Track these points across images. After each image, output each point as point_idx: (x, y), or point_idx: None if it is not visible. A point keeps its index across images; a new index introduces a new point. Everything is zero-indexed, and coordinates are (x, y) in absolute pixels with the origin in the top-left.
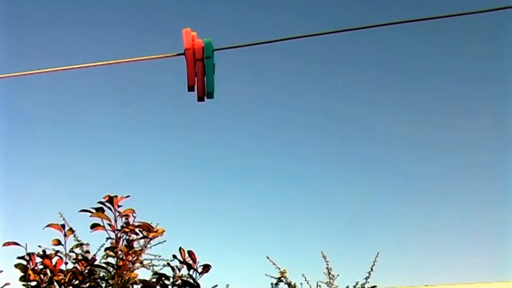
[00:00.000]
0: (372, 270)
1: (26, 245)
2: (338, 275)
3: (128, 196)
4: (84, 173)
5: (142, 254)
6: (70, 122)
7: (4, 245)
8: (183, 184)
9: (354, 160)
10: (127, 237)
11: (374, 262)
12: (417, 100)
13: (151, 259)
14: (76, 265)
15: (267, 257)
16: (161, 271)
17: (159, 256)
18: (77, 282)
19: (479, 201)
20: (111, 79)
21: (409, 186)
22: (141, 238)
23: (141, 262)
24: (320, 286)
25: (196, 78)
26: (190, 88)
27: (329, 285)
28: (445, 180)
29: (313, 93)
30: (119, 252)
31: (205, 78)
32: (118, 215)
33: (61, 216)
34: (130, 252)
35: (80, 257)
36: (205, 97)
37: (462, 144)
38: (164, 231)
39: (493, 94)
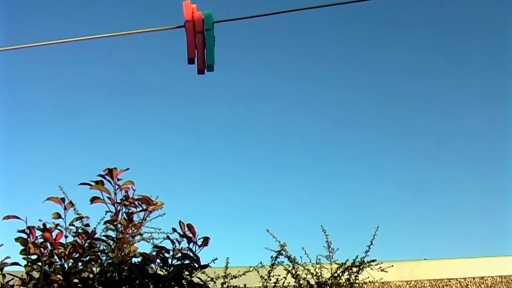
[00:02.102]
0: (372, 244)
1: (26, 218)
2: (338, 248)
3: (127, 169)
4: (84, 146)
5: (142, 227)
6: (71, 98)
7: (4, 218)
8: (182, 158)
9: (355, 136)
10: (127, 210)
11: (374, 236)
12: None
13: (151, 232)
14: (76, 238)
15: (267, 230)
16: (161, 244)
17: (159, 229)
18: (77, 255)
19: (478, 178)
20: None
21: (410, 164)
22: (140, 211)
23: (141, 235)
24: (320, 259)
25: (196, 51)
26: (190, 61)
27: (329, 259)
28: (448, 155)
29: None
30: (119, 225)
31: (205, 50)
32: (117, 188)
33: (61, 189)
34: (130, 225)
35: (80, 231)
36: (205, 70)
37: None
38: (163, 204)
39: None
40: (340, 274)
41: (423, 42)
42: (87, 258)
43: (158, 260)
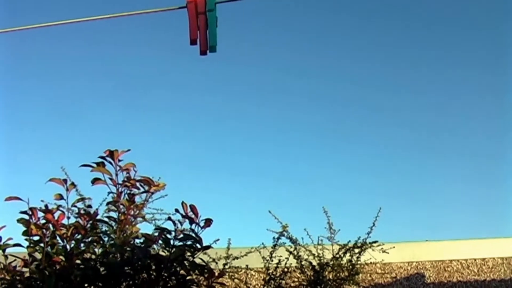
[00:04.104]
0: (374, 225)
1: (28, 200)
2: (339, 229)
3: (128, 150)
4: (87, 128)
5: (144, 208)
6: (73, 79)
7: (6, 199)
8: (185, 139)
9: (358, 115)
10: (129, 191)
11: (376, 217)
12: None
13: (153, 213)
14: (79, 219)
15: (269, 211)
16: (163, 225)
17: (161, 210)
18: (79, 236)
19: (480, 160)
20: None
21: (413, 143)
22: (142, 192)
23: (143, 216)
24: (321, 240)
25: (198, 32)
26: (193, 42)
27: (331, 240)
28: (448, 136)
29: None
30: (121, 207)
31: (207, 31)
32: (119, 170)
33: (63, 170)
34: (132, 206)
35: (82, 212)
36: (208, 51)
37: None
38: (165, 185)
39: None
40: (342, 255)
41: (424, 36)
42: (89, 239)
43: (160, 241)
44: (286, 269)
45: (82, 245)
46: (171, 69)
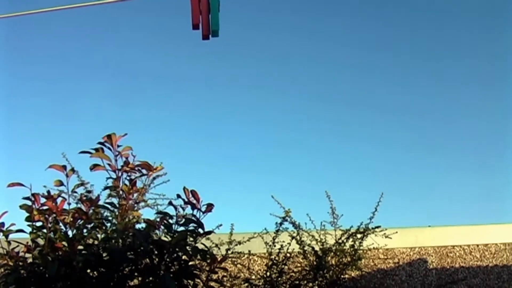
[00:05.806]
0: (376, 210)
1: (30, 185)
2: (342, 214)
3: (125, 135)
4: (86, 116)
5: (146, 194)
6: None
7: (9, 186)
8: (186, 126)
9: (359, 97)
10: (128, 176)
11: (378, 202)
12: None
13: (155, 199)
14: (80, 205)
15: (272, 196)
16: (165, 211)
17: (163, 195)
18: (81, 222)
19: (483, 147)
20: None
21: (415, 128)
22: (141, 175)
23: (145, 202)
24: (324, 225)
25: (200, 17)
26: (195, 27)
27: (333, 225)
28: (450, 124)
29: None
30: (121, 192)
31: (210, 16)
32: (117, 155)
33: (64, 156)
34: (131, 191)
35: (83, 198)
36: (210, 36)
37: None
38: (162, 168)
39: None
40: (345, 241)
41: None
42: (91, 225)
43: (162, 227)
44: (288, 254)
45: (84, 230)
46: (173, 58)
